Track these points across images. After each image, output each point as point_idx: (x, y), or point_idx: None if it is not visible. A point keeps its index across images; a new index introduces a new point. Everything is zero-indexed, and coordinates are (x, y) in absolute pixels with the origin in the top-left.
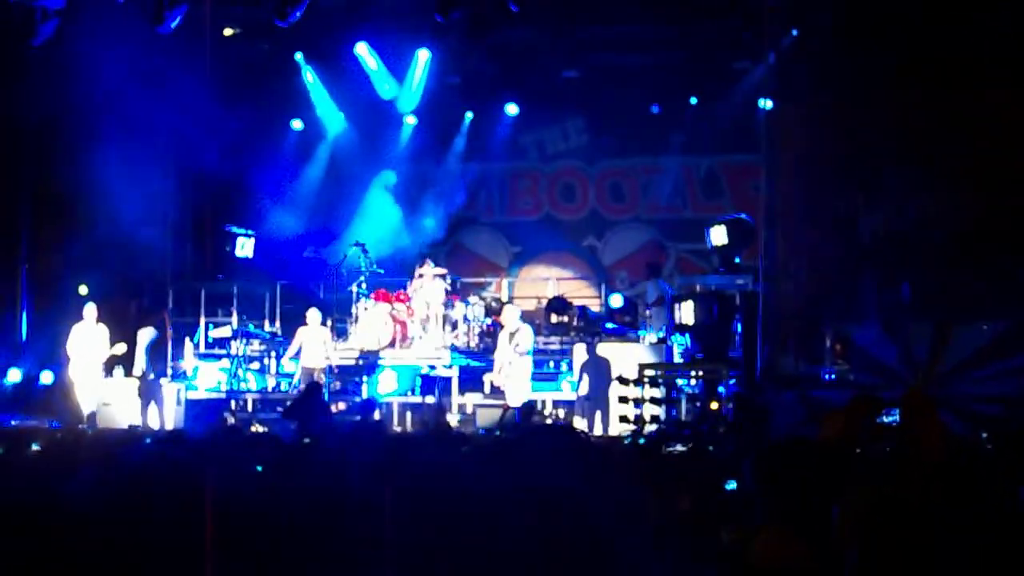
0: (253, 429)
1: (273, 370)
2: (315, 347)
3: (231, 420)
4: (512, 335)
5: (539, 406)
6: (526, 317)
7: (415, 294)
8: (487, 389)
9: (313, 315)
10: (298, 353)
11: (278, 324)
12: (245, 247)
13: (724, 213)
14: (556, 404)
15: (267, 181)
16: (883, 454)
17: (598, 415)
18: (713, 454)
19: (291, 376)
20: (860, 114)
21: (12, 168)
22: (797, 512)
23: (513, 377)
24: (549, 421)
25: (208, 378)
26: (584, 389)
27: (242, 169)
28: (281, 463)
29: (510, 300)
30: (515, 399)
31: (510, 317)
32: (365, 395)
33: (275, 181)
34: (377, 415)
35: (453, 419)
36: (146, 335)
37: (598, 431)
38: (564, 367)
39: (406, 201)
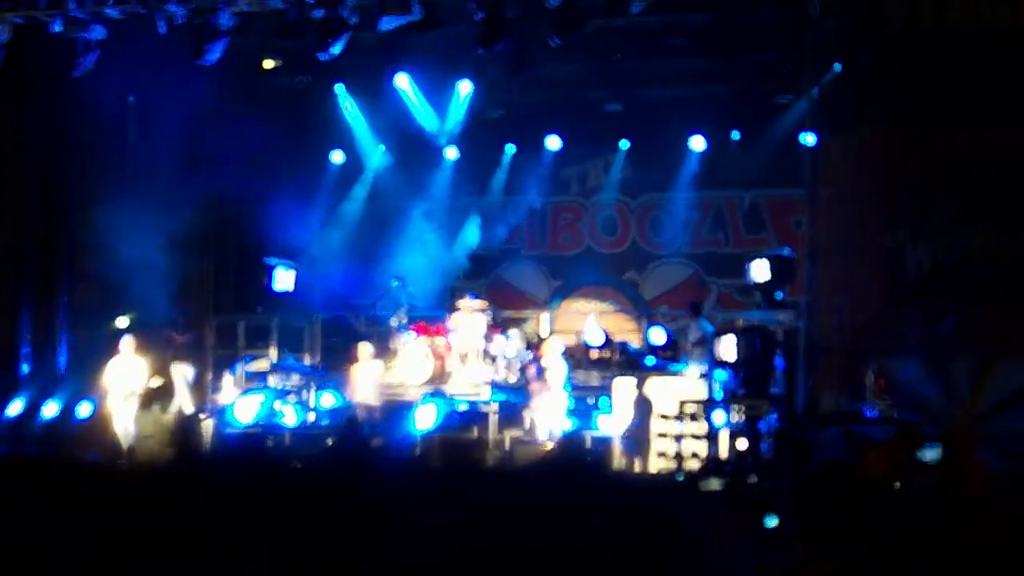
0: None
1: (312, 403)
2: (367, 383)
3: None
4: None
5: (580, 440)
6: (566, 352)
7: (454, 328)
8: (527, 425)
9: (364, 350)
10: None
11: (318, 357)
12: (285, 280)
13: (766, 247)
14: (595, 440)
15: (308, 214)
16: (924, 490)
17: (638, 452)
18: (753, 490)
19: (332, 411)
20: (906, 148)
21: (53, 200)
22: (837, 548)
23: (545, 410)
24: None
25: (246, 413)
26: (624, 425)
27: (283, 201)
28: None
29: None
30: (546, 432)
31: (552, 351)
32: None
33: (316, 213)
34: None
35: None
36: (184, 370)
37: (637, 467)
38: (604, 403)
39: (446, 234)
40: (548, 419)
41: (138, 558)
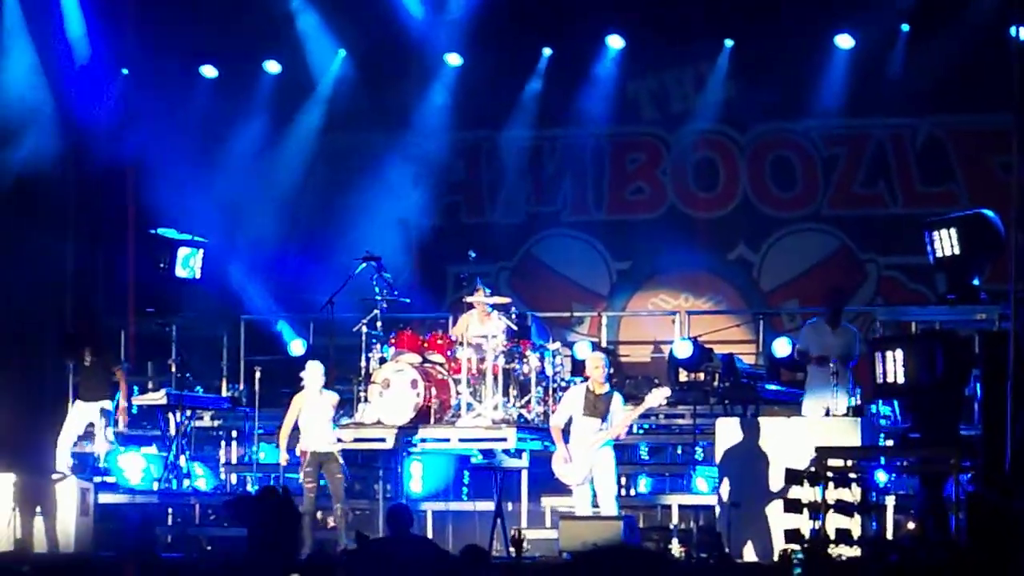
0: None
1: (235, 458)
2: (319, 421)
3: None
4: (598, 400)
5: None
6: (637, 373)
7: (459, 338)
8: (577, 487)
9: (313, 372)
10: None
11: (241, 385)
12: (190, 263)
13: (954, 207)
14: (687, 511)
15: (224, 162)
16: None
17: (752, 530)
18: None
19: (270, 469)
20: None
21: None
22: None
23: (582, 466)
24: (679, 550)
25: (132, 471)
26: (729, 489)
27: (184, 142)
28: None
29: (607, 348)
30: (607, 500)
31: (596, 370)
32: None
33: (236, 159)
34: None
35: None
36: (86, 411)
37: (751, 554)
38: (699, 453)
39: (445, 189)
40: (606, 479)
41: None
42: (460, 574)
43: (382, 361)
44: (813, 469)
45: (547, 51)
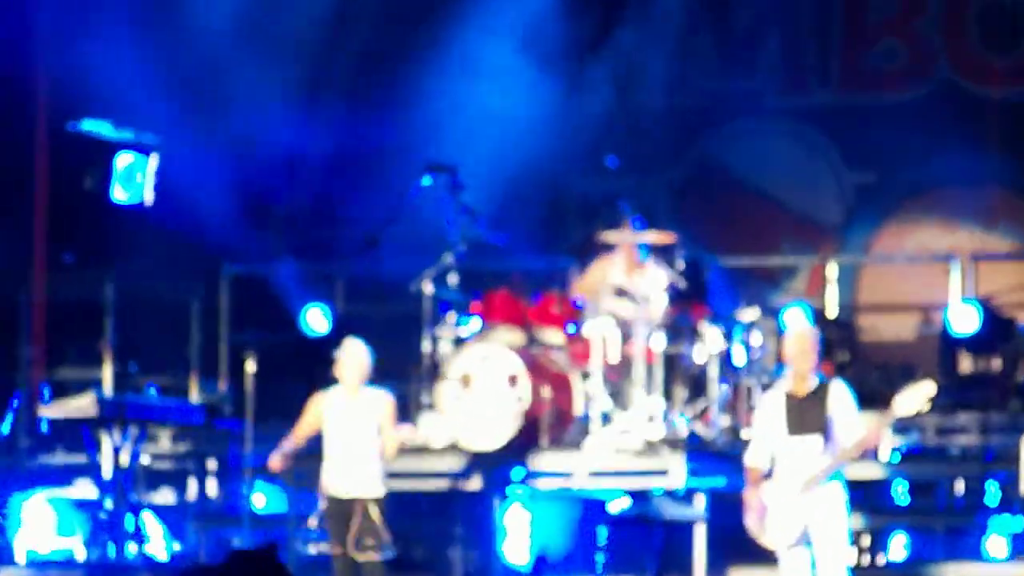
0: None
1: (211, 506)
2: (360, 443)
3: None
4: (806, 405)
5: None
6: (888, 357)
7: (592, 302)
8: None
9: (353, 356)
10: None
11: (223, 385)
12: (137, 180)
13: None
14: None
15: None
16: None
17: None
18: None
19: (270, 524)
20: None
21: None
22: None
23: (793, 518)
24: None
25: (45, 533)
26: None
27: None
28: None
29: (838, 319)
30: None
31: (801, 356)
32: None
33: (214, 14)
34: None
35: None
36: None
37: None
38: (994, 493)
39: (561, 52)
40: (832, 539)
41: None
42: None
43: (459, 342)
44: None
45: None
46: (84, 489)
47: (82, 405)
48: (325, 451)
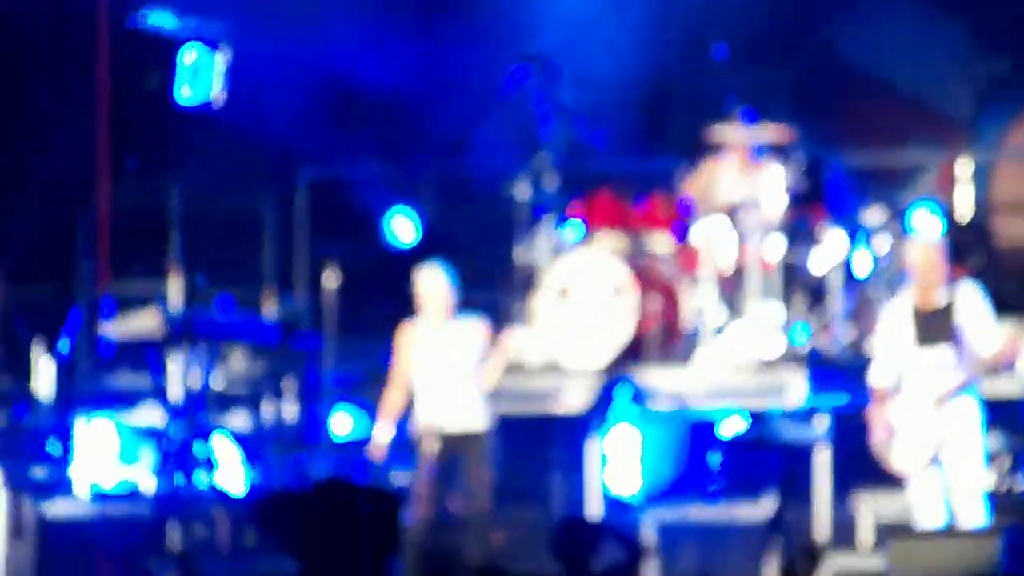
0: None
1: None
2: (452, 375)
3: None
4: (933, 316)
5: None
6: (1017, 262)
7: (702, 205)
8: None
9: (433, 284)
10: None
11: (302, 301)
12: (203, 76)
13: None
14: None
15: None
16: None
17: None
18: None
19: (353, 450)
20: None
21: None
22: None
23: (923, 439)
24: None
25: (107, 462)
26: None
27: None
28: None
29: (972, 223)
30: (934, 501)
31: (926, 263)
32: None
33: None
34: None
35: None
36: None
37: None
38: None
39: None
40: (967, 460)
41: None
42: None
43: (557, 250)
44: None
45: None
46: (150, 414)
47: (146, 322)
48: (416, 388)
